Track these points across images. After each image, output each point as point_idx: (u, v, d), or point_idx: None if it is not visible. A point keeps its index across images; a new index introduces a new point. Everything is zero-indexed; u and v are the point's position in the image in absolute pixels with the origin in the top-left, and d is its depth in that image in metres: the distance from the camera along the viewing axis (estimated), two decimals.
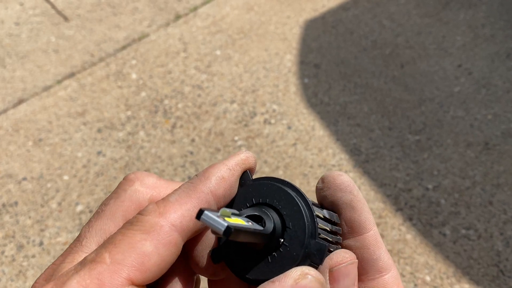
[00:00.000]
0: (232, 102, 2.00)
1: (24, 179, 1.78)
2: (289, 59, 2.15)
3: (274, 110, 1.95)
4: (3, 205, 1.72)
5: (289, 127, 1.89)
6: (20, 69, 2.17)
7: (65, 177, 1.78)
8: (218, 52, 2.20)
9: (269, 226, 0.33)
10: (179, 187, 0.34)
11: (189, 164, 1.80)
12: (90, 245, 0.33)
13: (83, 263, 0.30)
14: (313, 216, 0.34)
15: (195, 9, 2.43)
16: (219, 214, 0.29)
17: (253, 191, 0.36)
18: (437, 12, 2.32)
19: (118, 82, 2.09)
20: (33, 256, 1.59)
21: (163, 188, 0.37)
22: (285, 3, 2.43)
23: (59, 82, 2.11)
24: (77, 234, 1.63)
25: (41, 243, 1.62)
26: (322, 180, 0.37)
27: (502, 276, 1.48)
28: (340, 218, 0.37)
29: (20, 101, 2.04)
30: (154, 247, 0.30)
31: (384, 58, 2.14)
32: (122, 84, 2.09)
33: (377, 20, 2.32)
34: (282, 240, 0.34)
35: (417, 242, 1.56)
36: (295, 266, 0.32)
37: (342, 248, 0.36)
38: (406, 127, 1.87)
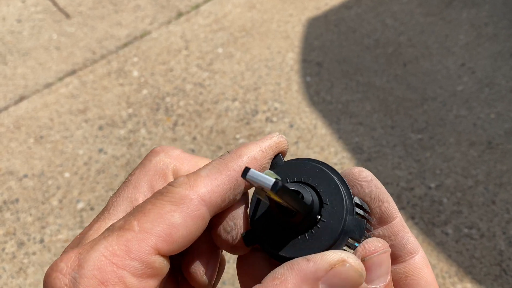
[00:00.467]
0: (234, 100, 1.99)
1: (25, 176, 1.78)
2: (291, 57, 2.15)
3: (276, 108, 1.95)
4: (4, 202, 1.71)
5: (291, 125, 1.89)
6: (21, 66, 2.16)
7: (66, 174, 1.78)
8: (220, 50, 2.20)
9: (308, 198, 0.33)
10: (210, 163, 0.34)
11: None
12: (117, 213, 0.34)
13: (111, 229, 0.31)
14: (350, 194, 0.34)
15: (197, 6, 2.42)
16: (264, 173, 0.29)
17: (288, 170, 0.35)
18: (440, 11, 2.31)
19: (120, 80, 2.09)
20: (34, 253, 1.58)
21: (186, 160, 0.37)
22: (288, 1, 2.42)
23: (60, 79, 2.10)
24: (78, 231, 1.63)
25: (42, 240, 1.61)
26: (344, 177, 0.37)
27: (505, 275, 1.47)
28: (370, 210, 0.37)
29: (22, 98, 2.03)
30: (182, 219, 0.31)
31: (386, 56, 2.13)
32: (123, 81, 2.08)
33: (379, 18, 2.31)
34: (319, 216, 0.33)
35: (420, 241, 1.55)
36: (333, 243, 0.32)
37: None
38: (409, 126, 1.87)
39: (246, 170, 0.29)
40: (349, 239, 0.33)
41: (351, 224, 0.33)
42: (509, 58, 2.07)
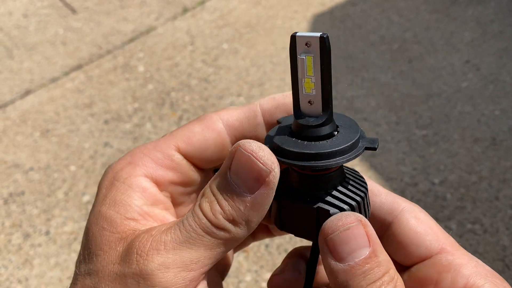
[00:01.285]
0: (239, 95, 2.00)
1: (31, 169, 1.79)
2: None
3: None
4: (10, 195, 1.73)
5: None
6: (28, 61, 2.18)
7: (72, 168, 1.79)
8: (225, 46, 2.20)
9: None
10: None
11: None
12: None
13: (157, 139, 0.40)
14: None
15: (202, 2, 2.43)
16: (310, 48, 0.33)
17: None
18: (446, 8, 2.31)
19: (126, 75, 2.10)
20: (40, 245, 1.60)
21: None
22: None
23: (66, 74, 2.12)
24: (83, 223, 1.64)
25: (47, 233, 1.62)
26: None
27: (508, 270, 1.48)
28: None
29: (28, 92, 2.05)
30: (200, 129, 0.39)
31: (392, 53, 2.13)
32: (129, 76, 2.09)
33: (385, 15, 2.31)
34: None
35: None
36: (350, 148, 0.33)
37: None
38: (413, 122, 1.87)
39: (295, 32, 0.32)
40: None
41: (366, 140, 0.35)
42: None
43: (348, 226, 0.32)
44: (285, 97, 0.40)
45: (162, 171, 0.38)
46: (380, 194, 0.40)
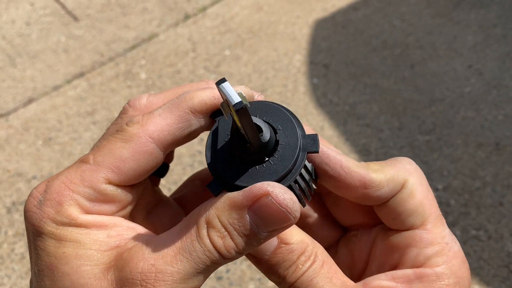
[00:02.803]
0: None
1: (34, 177, 1.79)
2: (298, 59, 2.15)
3: None
4: (13, 204, 1.73)
5: None
6: (30, 69, 2.18)
7: None
8: (227, 52, 2.20)
9: (266, 132, 0.34)
10: (166, 103, 0.37)
11: (197, 164, 1.80)
12: None
13: (75, 163, 0.37)
14: (302, 129, 0.36)
15: (204, 9, 2.43)
16: (236, 92, 0.30)
17: (252, 108, 0.37)
18: (448, 12, 2.31)
19: (128, 82, 2.10)
20: None
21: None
22: (295, 2, 2.42)
23: (69, 81, 2.12)
24: None
25: None
26: None
27: None
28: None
29: (30, 101, 2.05)
30: (130, 154, 0.35)
31: (394, 58, 2.13)
32: (131, 83, 2.09)
33: (387, 20, 2.31)
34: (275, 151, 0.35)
35: None
36: (292, 165, 0.34)
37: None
38: (416, 128, 1.86)
39: (223, 80, 0.30)
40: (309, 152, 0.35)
41: (306, 142, 0.35)
42: None
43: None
44: (214, 98, 0.37)
45: (98, 206, 0.36)
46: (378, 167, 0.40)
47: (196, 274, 0.32)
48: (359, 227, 0.44)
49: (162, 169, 0.46)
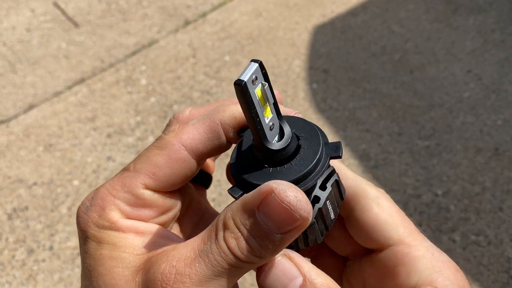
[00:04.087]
0: None
1: (35, 184, 1.80)
2: (298, 65, 2.16)
3: None
4: (14, 210, 1.73)
5: None
6: (31, 75, 2.19)
7: (75, 182, 1.79)
8: (227, 58, 2.21)
9: (288, 130, 0.35)
10: (201, 115, 0.40)
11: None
12: None
13: (119, 171, 0.39)
14: (326, 140, 0.36)
15: (204, 15, 2.44)
16: (256, 80, 0.32)
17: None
18: (447, 18, 2.32)
19: (128, 88, 2.11)
20: (43, 261, 1.60)
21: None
22: (294, 8, 2.43)
23: (69, 87, 2.13)
24: None
25: (51, 248, 1.63)
26: None
27: None
28: None
29: (31, 107, 2.06)
30: (165, 160, 0.38)
31: (393, 63, 2.14)
32: (131, 89, 2.10)
33: (386, 25, 2.32)
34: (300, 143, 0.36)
35: None
36: (313, 167, 0.34)
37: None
38: (416, 133, 1.87)
39: (256, 61, 0.32)
40: (328, 168, 0.35)
41: (329, 147, 0.35)
42: None
43: (272, 264, 0.34)
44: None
45: (137, 210, 0.38)
46: (346, 178, 0.41)
47: (214, 277, 0.32)
48: (352, 256, 0.43)
49: (205, 180, 0.49)
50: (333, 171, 0.37)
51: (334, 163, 0.39)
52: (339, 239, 0.43)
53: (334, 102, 2.00)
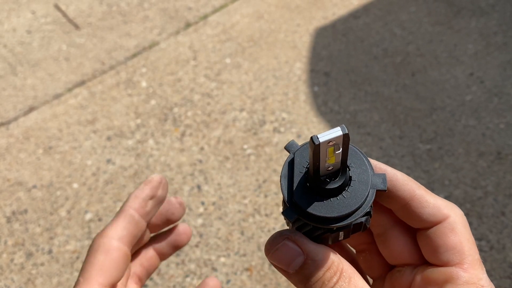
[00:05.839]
0: (242, 110, 1.99)
1: (34, 187, 1.79)
2: (299, 67, 2.15)
3: (283, 119, 1.95)
4: (13, 213, 1.72)
5: (298, 136, 1.89)
6: (31, 77, 2.18)
7: (75, 185, 1.78)
8: (227, 60, 2.20)
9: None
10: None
11: (198, 173, 1.79)
12: None
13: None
14: (370, 164, 0.39)
15: (205, 17, 2.43)
16: (333, 144, 0.35)
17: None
18: (449, 20, 2.31)
19: (128, 90, 2.10)
20: (42, 264, 1.59)
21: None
22: (295, 11, 2.42)
23: (69, 90, 2.12)
24: (86, 242, 1.63)
25: (50, 251, 1.62)
26: None
27: None
28: None
29: (31, 109, 2.05)
30: (109, 262, 0.43)
31: (395, 66, 2.12)
32: (132, 92, 2.09)
33: (388, 28, 2.30)
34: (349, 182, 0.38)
35: None
36: (364, 200, 0.37)
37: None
38: (417, 136, 1.86)
39: (316, 137, 0.34)
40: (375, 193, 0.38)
41: (376, 180, 0.38)
42: None
43: (277, 247, 0.38)
44: (144, 190, 0.47)
45: None
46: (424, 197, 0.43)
47: None
48: (405, 266, 0.45)
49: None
50: (371, 205, 0.39)
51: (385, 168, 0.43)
52: (394, 253, 0.45)
53: (335, 105, 1.99)
